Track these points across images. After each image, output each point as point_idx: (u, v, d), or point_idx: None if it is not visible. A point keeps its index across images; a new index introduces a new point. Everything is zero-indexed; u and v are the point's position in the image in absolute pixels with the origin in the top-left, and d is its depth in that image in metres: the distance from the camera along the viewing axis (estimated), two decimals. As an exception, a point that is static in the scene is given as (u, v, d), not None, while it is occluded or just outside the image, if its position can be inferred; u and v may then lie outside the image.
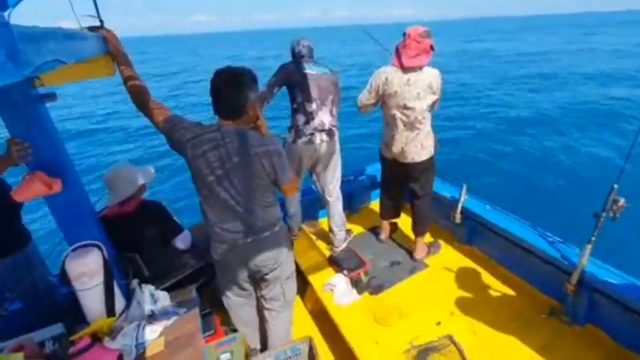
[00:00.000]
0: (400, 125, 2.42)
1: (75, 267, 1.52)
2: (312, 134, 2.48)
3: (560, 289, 2.16)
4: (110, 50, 1.48)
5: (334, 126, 2.57)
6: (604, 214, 1.94)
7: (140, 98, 1.53)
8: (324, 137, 2.52)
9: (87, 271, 1.52)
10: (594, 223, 1.99)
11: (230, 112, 1.48)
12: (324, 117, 2.49)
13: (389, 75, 2.33)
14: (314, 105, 2.44)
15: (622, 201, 1.88)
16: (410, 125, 2.39)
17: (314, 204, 3.17)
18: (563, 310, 2.23)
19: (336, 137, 2.60)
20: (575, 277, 2.06)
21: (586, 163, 6.68)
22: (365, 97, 2.49)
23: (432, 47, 2.29)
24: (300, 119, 2.47)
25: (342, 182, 2.81)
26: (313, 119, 2.46)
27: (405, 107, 2.34)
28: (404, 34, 2.32)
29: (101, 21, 1.48)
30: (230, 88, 1.44)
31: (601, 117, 9.34)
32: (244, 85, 1.45)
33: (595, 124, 8.87)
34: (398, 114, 2.38)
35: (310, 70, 2.43)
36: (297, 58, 2.52)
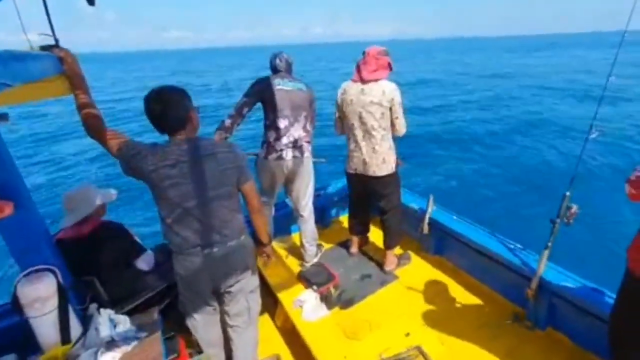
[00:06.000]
0: (359, 135, 2.50)
1: (28, 293, 1.45)
2: (282, 150, 2.50)
3: (522, 294, 2.23)
4: (66, 70, 1.46)
5: (307, 142, 2.59)
6: (558, 220, 2.03)
7: (93, 125, 1.50)
8: (295, 153, 2.54)
9: (39, 297, 1.45)
10: (549, 229, 2.08)
11: (176, 125, 1.52)
12: (296, 133, 2.51)
13: (346, 86, 2.50)
14: (286, 122, 2.46)
15: (574, 208, 1.98)
16: (368, 134, 2.46)
17: (286, 219, 3.17)
18: (526, 315, 2.30)
19: (308, 154, 2.62)
20: (534, 283, 2.13)
21: (544, 172, 7.02)
22: (335, 115, 2.63)
23: (390, 65, 2.44)
24: (272, 135, 2.49)
25: (314, 196, 2.83)
26: (284, 135, 2.48)
27: (361, 116, 2.43)
28: (364, 53, 2.45)
29: (56, 40, 1.46)
30: (169, 104, 1.47)
31: (554, 128, 10.01)
32: (179, 96, 1.51)
33: (549, 134, 9.45)
34: (356, 123, 2.48)
35: (284, 86, 2.45)
36: (274, 72, 2.54)
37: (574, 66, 26.73)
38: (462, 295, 2.57)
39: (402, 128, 2.48)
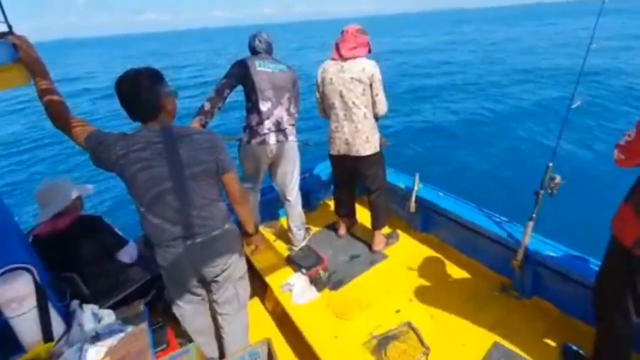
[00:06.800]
0: (341, 114, 2.46)
1: (3, 293, 1.40)
2: (266, 134, 2.43)
3: (508, 266, 2.26)
4: (23, 58, 1.38)
5: (291, 125, 2.53)
6: (542, 192, 2.04)
7: (58, 114, 1.42)
8: (280, 137, 2.47)
9: (15, 296, 1.40)
10: (534, 201, 2.09)
11: (148, 113, 1.44)
12: (280, 116, 2.45)
13: (326, 65, 2.47)
14: (268, 104, 2.39)
15: (558, 178, 1.99)
16: (350, 112, 2.43)
17: (273, 203, 3.14)
18: (512, 285, 2.34)
19: (293, 137, 2.56)
20: (520, 254, 2.16)
21: (526, 146, 7.06)
22: (316, 96, 2.59)
23: (369, 44, 2.42)
24: (254, 118, 2.42)
25: (300, 180, 2.79)
26: (267, 118, 2.41)
27: (342, 94, 2.41)
28: (342, 31, 2.42)
29: (9, 26, 1.37)
30: (140, 89, 1.39)
31: (537, 99, 10.06)
32: (152, 82, 1.42)
33: (531, 106, 9.55)
34: (337, 102, 2.45)
35: (265, 67, 2.37)
36: (253, 53, 2.45)
37: (561, 34, 26.77)
38: (451, 270, 2.60)
39: (382, 106, 2.45)
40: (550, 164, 2.00)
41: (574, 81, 1.98)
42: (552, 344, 1.99)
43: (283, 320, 2.39)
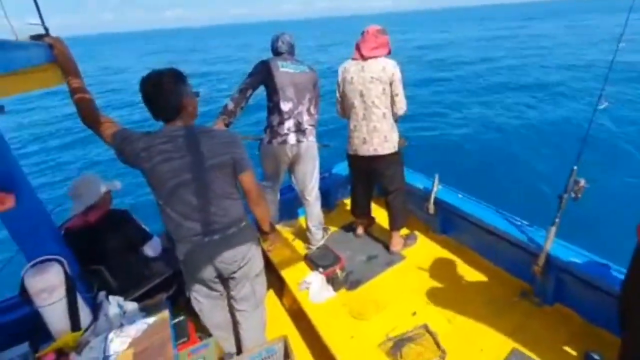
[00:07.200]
0: (360, 113, 2.48)
1: (35, 283, 1.48)
2: (286, 134, 2.47)
3: (529, 271, 2.21)
4: (58, 58, 1.45)
5: (311, 125, 2.56)
6: (565, 195, 1.99)
7: (88, 112, 1.49)
8: (300, 137, 2.50)
9: (46, 287, 1.48)
10: (557, 205, 2.05)
11: (170, 113, 1.49)
12: (300, 116, 2.48)
13: (347, 64, 2.51)
14: (290, 105, 2.43)
15: (582, 182, 1.94)
16: (369, 112, 2.45)
17: (292, 202, 3.17)
18: (533, 291, 2.29)
19: (313, 137, 2.59)
20: (541, 259, 2.11)
21: (550, 149, 6.83)
22: (337, 95, 2.62)
23: (388, 44, 2.45)
24: (275, 119, 2.46)
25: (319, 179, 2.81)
26: (288, 118, 2.45)
27: (362, 94, 2.43)
28: (363, 32, 2.45)
29: (46, 29, 1.44)
30: (162, 89, 1.44)
31: (563, 98, 9.64)
32: (174, 82, 1.46)
33: (557, 105, 9.15)
34: (356, 102, 2.47)
35: (287, 68, 2.41)
36: (276, 54, 2.50)
37: (595, 31, 25.76)
38: (470, 274, 2.56)
39: (402, 105, 2.46)
40: (575, 167, 1.95)
41: (623, 79, 1.91)
42: (573, 352, 1.94)
43: (299, 318, 2.41)
